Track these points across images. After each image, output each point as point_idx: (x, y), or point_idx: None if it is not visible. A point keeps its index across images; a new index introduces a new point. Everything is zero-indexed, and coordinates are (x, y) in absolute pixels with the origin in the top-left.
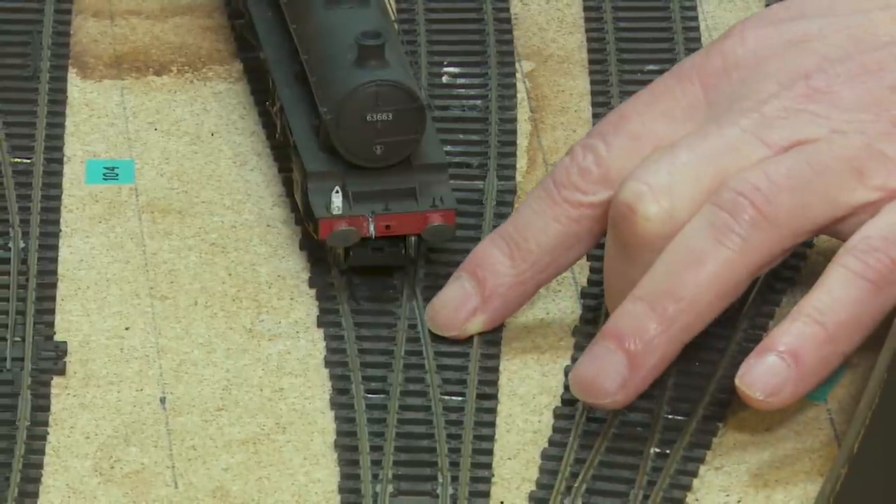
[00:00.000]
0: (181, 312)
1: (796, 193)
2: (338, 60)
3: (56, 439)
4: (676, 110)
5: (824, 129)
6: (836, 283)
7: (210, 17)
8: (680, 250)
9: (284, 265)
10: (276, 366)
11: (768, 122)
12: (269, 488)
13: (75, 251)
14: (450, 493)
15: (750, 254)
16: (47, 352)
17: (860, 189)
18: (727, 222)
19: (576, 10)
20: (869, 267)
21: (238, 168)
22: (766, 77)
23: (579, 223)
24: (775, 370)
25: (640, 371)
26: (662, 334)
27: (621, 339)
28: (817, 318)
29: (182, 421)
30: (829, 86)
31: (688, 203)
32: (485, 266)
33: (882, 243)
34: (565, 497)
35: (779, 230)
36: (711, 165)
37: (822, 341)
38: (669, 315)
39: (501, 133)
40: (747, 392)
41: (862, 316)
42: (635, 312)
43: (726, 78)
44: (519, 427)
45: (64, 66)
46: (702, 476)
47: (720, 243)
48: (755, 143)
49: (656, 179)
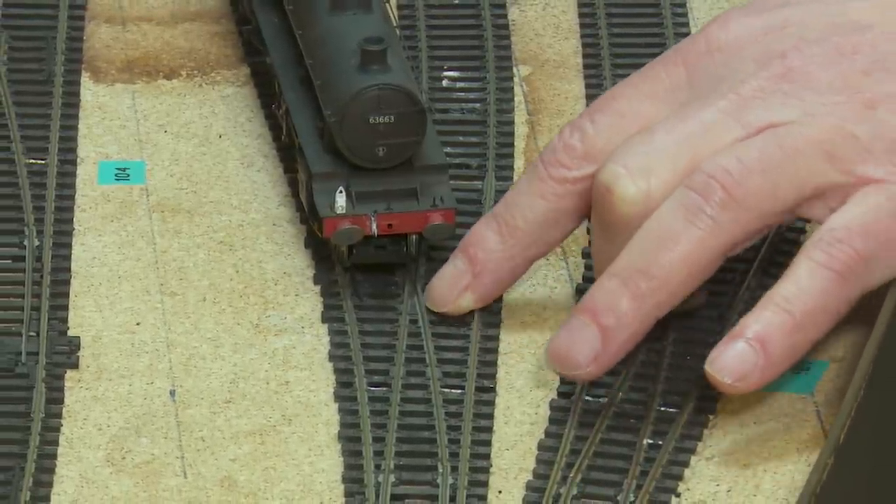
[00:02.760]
0: (190, 308)
1: (766, 176)
2: (341, 65)
3: (69, 431)
4: (661, 91)
5: (797, 111)
6: (803, 273)
7: (218, 23)
8: (653, 230)
9: (290, 262)
10: (281, 360)
11: (744, 102)
12: (275, 478)
13: (88, 249)
14: (450, 482)
15: (720, 234)
16: (61, 346)
17: (830, 172)
18: (699, 204)
19: (571, 16)
20: (834, 258)
21: (245, 169)
22: (745, 59)
23: (564, 199)
24: (744, 356)
25: (612, 345)
26: (635, 310)
27: (595, 313)
28: (785, 306)
29: (191, 413)
30: (804, 66)
31: (664, 184)
32: (476, 244)
33: (846, 234)
34: (561, 486)
35: (748, 212)
36: (688, 147)
37: (789, 329)
38: (642, 292)
39: (499, 135)
40: (716, 376)
41: (828, 305)
42: (610, 289)
43: (709, 60)
44: (516, 419)
45: (77, 71)
46: (693, 466)
47: (692, 224)
48: (731, 124)
49: (634, 161)
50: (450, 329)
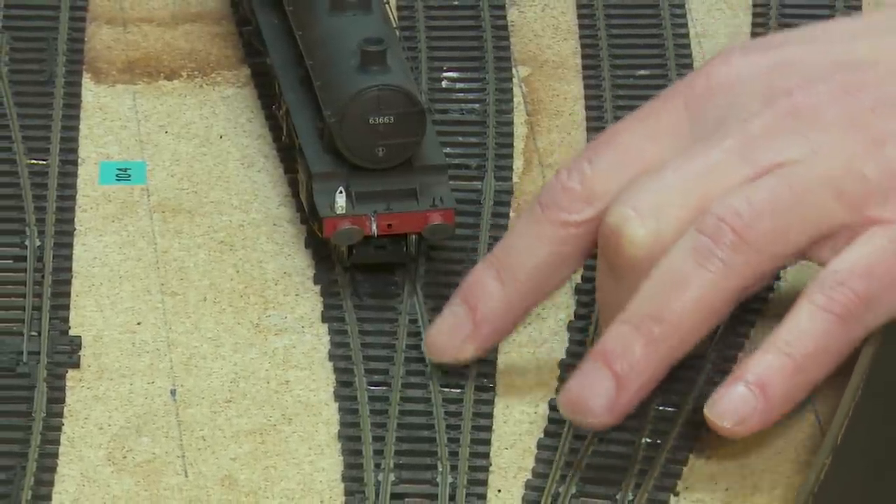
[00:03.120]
0: (191, 308)
1: (777, 218)
2: (341, 65)
3: (71, 430)
4: (661, 130)
5: (805, 150)
6: (804, 316)
7: (219, 24)
8: (664, 274)
9: (290, 262)
10: (282, 359)
11: (752, 141)
12: (275, 477)
13: (89, 249)
14: (449, 481)
15: (732, 277)
16: (62, 346)
17: (839, 211)
18: (709, 247)
19: (570, 17)
20: (834, 301)
21: (245, 169)
22: (750, 96)
23: (564, 243)
24: (743, 400)
25: (627, 392)
26: (649, 356)
27: (609, 360)
28: (785, 349)
29: (192, 412)
30: (811, 104)
31: (674, 226)
32: (475, 292)
33: (847, 277)
34: (560, 485)
35: (759, 254)
36: (697, 187)
37: (790, 372)
38: (655, 337)
39: (499, 135)
40: (715, 421)
41: (829, 347)
42: (622, 334)
43: (710, 99)
44: (515, 418)
45: (78, 72)
46: (691, 465)
47: (703, 267)
48: (739, 163)
49: (643, 203)
50: None
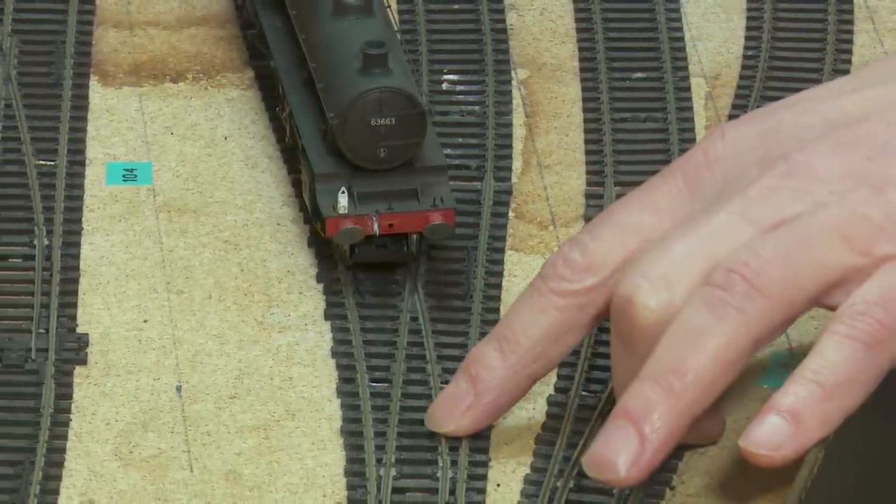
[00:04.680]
0: (196, 306)
1: (787, 265)
2: (344, 68)
3: (78, 426)
4: (661, 203)
5: (808, 204)
6: (828, 347)
7: (223, 28)
8: (680, 330)
9: (293, 261)
10: (285, 356)
11: (753, 202)
12: (279, 471)
13: (96, 248)
14: (449, 476)
15: (748, 325)
16: (70, 343)
17: (848, 255)
18: (722, 297)
19: (568, 21)
20: (856, 329)
21: (250, 170)
22: (747, 165)
23: (566, 312)
24: (777, 428)
25: (652, 447)
26: (671, 411)
27: (631, 417)
28: (813, 378)
29: (197, 408)
30: (807, 162)
31: (684, 291)
32: (478, 363)
33: (867, 307)
34: (558, 479)
35: (772, 301)
36: (703, 251)
37: (819, 399)
38: (676, 391)
39: (498, 137)
40: (753, 451)
41: (856, 373)
42: (643, 391)
43: (708, 171)
44: (514, 414)
45: (86, 74)
46: (687, 460)
47: (718, 318)
48: (743, 224)
49: (653, 272)
50: (449, 327)
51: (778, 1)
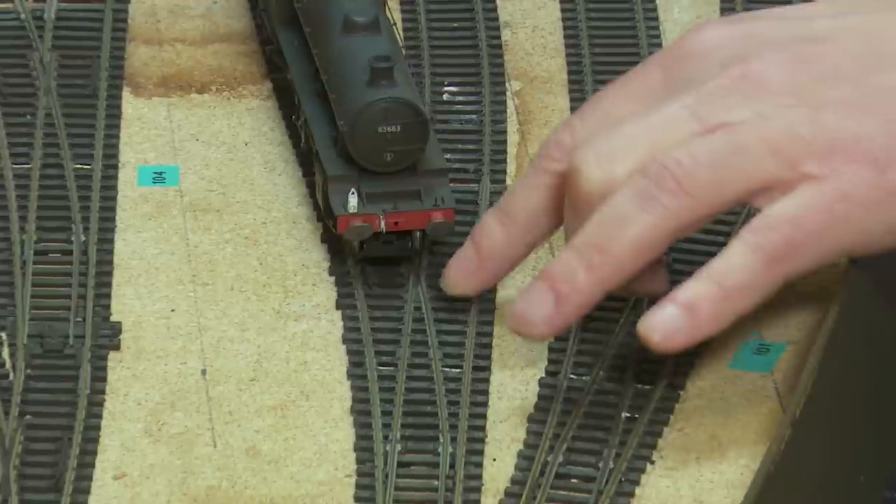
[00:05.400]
0: (219, 296)
1: (716, 170)
2: (353, 80)
3: (112, 406)
4: (639, 91)
5: (751, 112)
6: (735, 253)
7: (244, 44)
8: (610, 211)
9: (308, 256)
10: (300, 342)
11: (704, 99)
12: (294, 447)
13: (128, 244)
14: (450, 451)
15: (669, 219)
16: (104, 330)
17: (774, 167)
18: (652, 191)
19: (557, 38)
20: (764, 241)
21: (268, 173)
22: (712, 63)
23: (555, 189)
24: (673, 318)
25: (565, 310)
26: (586, 281)
27: (553, 281)
28: (715, 278)
29: (220, 389)
30: (762, 70)
31: (626, 168)
32: (482, 233)
33: (777, 222)
34: (549, 455)
35: (696, 201)
36: (650, 136)
37: (716, 299)
38: (595, 265)
39: (494, 143)
40: (647, 334)
41: (753, 282)
42: (568, 260)
43: (681, 64)
44: (509, 395)
45: (119, 86)
46: (666, 437)
47: (644, 209)
48: (690, 120)
49: (602, 148)
50: (450, 315)
51: None
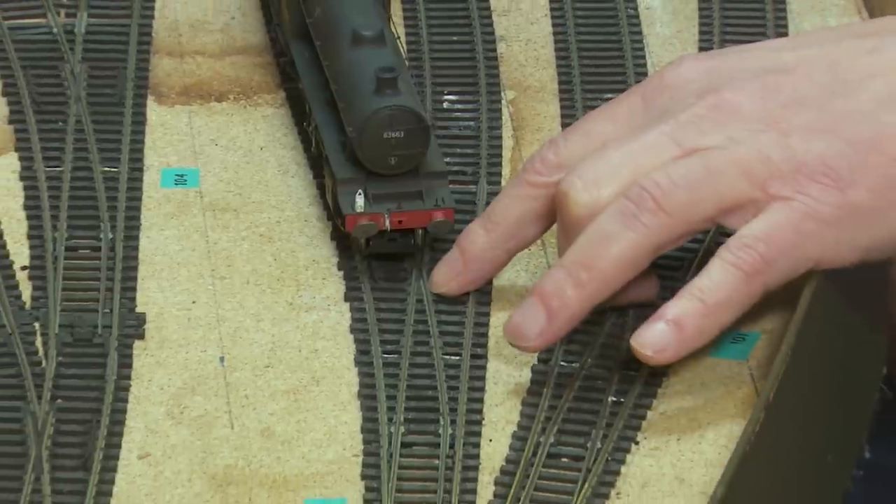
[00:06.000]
0: (236, 289)
1: (692, 190)
2: (361, 90)
3: (137, 390)
4: (621, 117)
5: (723, 137)
6: (715, 270)
7: (260, 56)
8: (596, 230)
9: (318, 252)
10: (311, 332)
11: (681, 126)
12: (306, 429)
13: (152, 241)
14: (450, 433)
15: (650, 237)
16: (130, 321)
17: (747, 188)
18: (633, 211)
19: (549, 50)
20: (741, 259)
21: (282, 175)
22: (688, 93)
23: (537, 201)
24: (663, 334)
25: (556, 323)
26: (575, 296)
27: (544, 296)
28: (699, 296)
29: (237, 375)
30: (733, 100)
31: (611, 192)
32: (467, 239)
33: (752, 241)
34: (541, 436)
35: (674, 219)
36: (633, 161)
37: (701, 314)
38: (582, 281)
39: (490, 148)
40: (640, 349)
41: (734, 297)
42: (557, 277)
43: (661, 94)
44: (504, 380)
45: (144, 95)
46: (649, 419)
47: (626, 227)
48: (669, 144)
49: (587, 173)
50: (449, 307)
51: (725, 36)
